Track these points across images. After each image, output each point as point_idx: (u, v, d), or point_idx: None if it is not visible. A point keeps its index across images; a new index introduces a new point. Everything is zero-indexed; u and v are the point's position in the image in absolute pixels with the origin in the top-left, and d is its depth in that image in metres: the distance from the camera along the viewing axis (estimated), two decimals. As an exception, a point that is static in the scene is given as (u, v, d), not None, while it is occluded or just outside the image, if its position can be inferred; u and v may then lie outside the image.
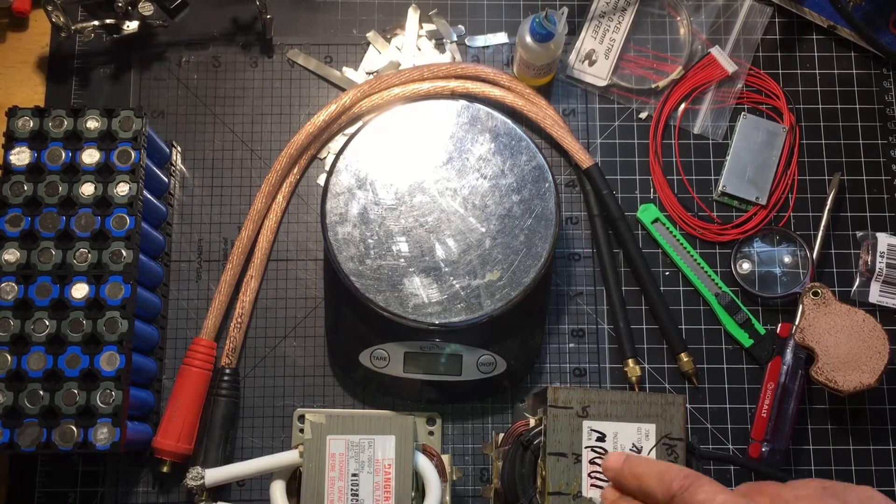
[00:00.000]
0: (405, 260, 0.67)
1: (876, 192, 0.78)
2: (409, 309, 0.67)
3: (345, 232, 0.68)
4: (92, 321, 0.64)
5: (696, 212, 0.78)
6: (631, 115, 0.80)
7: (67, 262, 0.65)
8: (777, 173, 0.78)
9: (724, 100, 0.80)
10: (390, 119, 0.71)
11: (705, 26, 0.82)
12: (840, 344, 0.70)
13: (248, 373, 0.74)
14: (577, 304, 0.76)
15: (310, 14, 0.82)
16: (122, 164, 0.68)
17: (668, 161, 0.79)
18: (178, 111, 0.79)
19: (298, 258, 0.76)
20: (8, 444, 0.62)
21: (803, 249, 0.76)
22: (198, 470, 0.64)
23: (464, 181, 0.69)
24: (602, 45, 0.81)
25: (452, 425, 0.73)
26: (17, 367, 0.63)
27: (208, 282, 0.76)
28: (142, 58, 0.80)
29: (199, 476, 0.64)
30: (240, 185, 0.78)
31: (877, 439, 0.73)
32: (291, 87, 0.80)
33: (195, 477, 0.64)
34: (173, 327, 0.75)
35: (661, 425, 0.59)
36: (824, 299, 0.72)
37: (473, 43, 0.81)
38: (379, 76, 0.78)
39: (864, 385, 0.69)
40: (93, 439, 0.62)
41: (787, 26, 0.82)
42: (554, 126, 0.77)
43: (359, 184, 0.69)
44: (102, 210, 0.67)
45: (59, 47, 0.80)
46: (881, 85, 0.81)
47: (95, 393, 0.63)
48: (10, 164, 0.68)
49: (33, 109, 0.69)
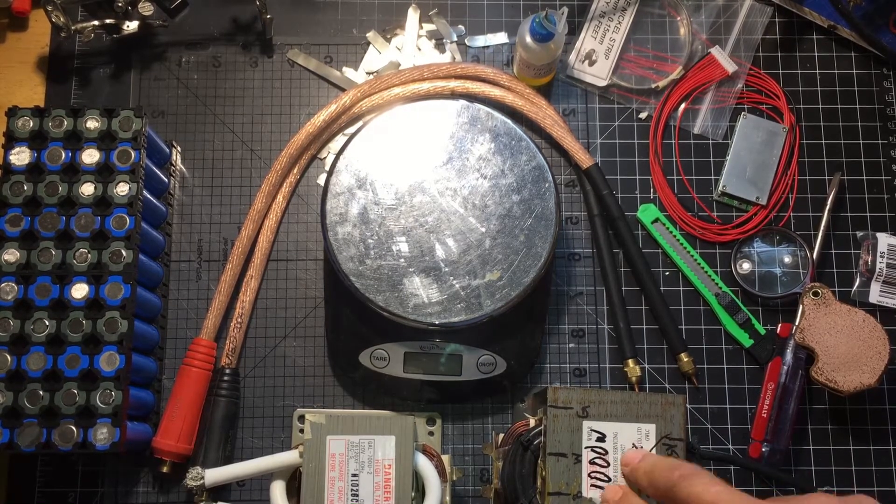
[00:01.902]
0: (405, 260, 0.67)
1: (876, 192, 0.78)
2: (409, 309, 0.67)
3: (345, 232, 0.68)
4: (92, 321, 0.64)
5: (697, 212, 0.78)
6: (631, 115, 0.80)
7: (67, 262, 0.65)
8: (777, 173, 0.78)
9: (724, 100, 0.80)
10: (390, 119, 0.71)
11: (705, 26, 0.82)
12: (840, 344, 0.70)
13: (248, 373, 0.74)
14: (577, 304, 0.76)
15: (310, 14, 0.82)
16: (122, 164, 0.68)
17: (668, 161, 0.79)
18: (178, 111, 0.79)
19: (298, 258, 0.76)
20: (8, 444, 0.62)
21: (803, 249, 0.76)
22: (198, 470, 0.64)
23: (464, 181, 0.69)
24: (602, 45, 0.81)
25: (452, 425, 0.73)
26: (17, 367, 0.63)
27: (208, 282, 0.76)
28: (142, 58, 0.80)
29: (198, 476, 0.64)
30: (240, 185, 0.78)
31: (877, 439, 0.73)
32: (291, 87, 0.80)
33: (195, 477, 0.64)
34: (173, 327, 0.75)
35: (660, 425, 0.59)
36: (824, 299, 0.71)
37: (473, 43, 0.81)
38: (379, 76, 0.78)
39: (865, 385, 0.69)
40: (92, 439, 0.62)
41: (787, 26, 0.82)
42: (554, 126, 0.77)
43: (359, 184, 0.69)
44: (102, 210, 0.67)
45: (59, 47, 0.80)
46: (881, 85, 0.81)
47: (95, 393, 0.63)
48: (10, 164, 0.68)
49: (33, 109, 0.69)
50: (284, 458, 0.64)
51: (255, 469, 0.65)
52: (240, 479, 0.69)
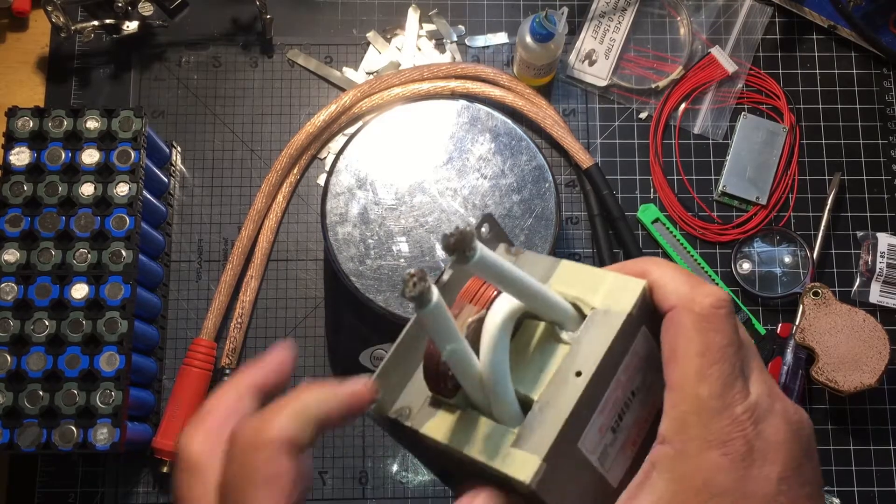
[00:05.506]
0: (405, 260, 0.67)
1: (876, 192, 0.78)
2: (410, 309, 0.66)
3: (345, 232, 0.68)
4: (92, 321, 0.64)
5: (697, 212, 0.78)
6: (631, 115, 0.80)
7: (67, 262, 0.65)
8: (777, 173, 0.78)
9: (724, 100, 0.80)
10: (390, 119, 0.71)
11: (705, 26, 0.82)
12: (840, 344, 0.70)
13: (248, 373, 0.74)
14: (577, 304, 0.75)
15: (310, 14, 0.82)
16: (121, 165, 0.68)
17: (668, 161, 0.79)
18: (178, 111, 0.79)
19: (298, 258, 0.76)
20: (8, 445, 0.62)
21: (803, 249, 0.76)
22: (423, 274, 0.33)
23: (464, 181, 0.69)
24: (602, 45, 0.81)
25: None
26: (17, 367, 0.63)
27: (208, 282, 0.76)
28: (142, 58, 0.80)
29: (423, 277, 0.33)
30: (240, 185, 0.78)
31: (877, 439, 0.73)
32: (291, 87, 0.80)
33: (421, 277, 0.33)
34: (173, 327, 0.75)
35: None
36: (825, 299, 0.71)
37: (473, 43, 0.81)
38: (379, 76, 0.78)
39: (865, 385, 0.69)
40: (93, 440, 0.62)
41: (787, 26, 0.82)
42: (554, 126, 0.77)
43: (359, 184, 0.69)
44: (102, 210, 0.67)
45: (59, 47, 0.80)
46: (881, 85, 0.81)
47: (95, 393, 0.63)
48: (9, 165, 0.67)
49: (33, 109, 0.69)
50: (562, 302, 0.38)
51: (528, 285, 0.36)
52: (504, 282, 0.36)
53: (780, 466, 0.33)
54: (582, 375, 0.35)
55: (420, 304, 0.32)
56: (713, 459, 0.33)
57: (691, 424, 0.33)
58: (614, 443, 0.36)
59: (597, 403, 0.35)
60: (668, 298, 0.35)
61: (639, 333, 0.36)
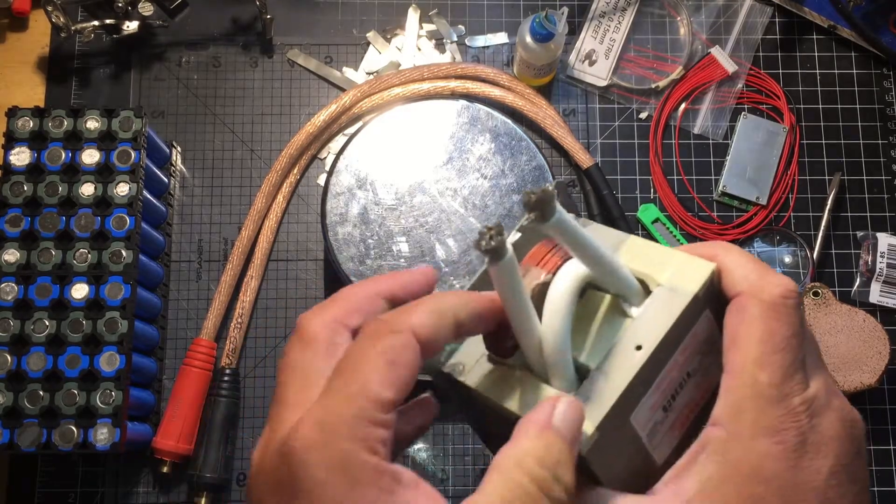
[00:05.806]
0: (405, 260, 0.67)
1: (876, 192, 0.78)
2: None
3: (345, 232, 0.68)
4: (92, 321, 0.64)
5: (697, 212, 0.78)
6: (631, 115, 0.80)
7: (67, 262, 0.65)
8: (777, 173, 0.78)
9: (724, 100, 0.80)
10: (390, 119, 0.71)
11: (705, 26, 0.82)
12: (840, 344, 0.70)
13: (248, 373, 0.74)
14: (577, 304, 0.75)
15: (310, 14, 0.82)
16: (122, 165, 0.68)
17: (668, 161, 0.79)
18: (178, 111, 0.79)
19: (298, 258, 0.76)
20: (8, 445, 0.62)
21: (803, 249, 0.76)
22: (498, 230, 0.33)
23: (464, 181, 0.69)
24: (602, 45, 0.81)
25: (453, 426, 0.73)
26: (17, 367, 0.63)
27: (208, 282, 0.76)
28: (142, 58, 0.80)
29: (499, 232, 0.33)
30: (240, 185, 0.78)
31: (877, 439, 0.73)
32: (291, 87, 0.80)
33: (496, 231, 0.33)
34: (173, 327, 0.75)
35: None
36: (825, 299, 0.71)
37: (473, 43, 0.81)
38: (379, 76, 0.78)
39: (865, 385, 0.69)
40: (93, 440, 0.62)
41: (787, 26, 0.82)
42: (554, 126, 0.77)
43: (359, 184, 0.69)
44: (102, 210, 0.67)
45: (59, 47, 0.80)
46: (881, 85, 0.81)
47: (95, 393, 0.63)
48: (10, 165, 0.67)
49: (33, 110, 0.69)
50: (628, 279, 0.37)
51: (601, 253, 0.36)
52: (578, 246, 0.35)
53: (831, 461, 0.33)
54: (642, 350, 0.35)
55: (495, 258, 0.32)
56: (765, 447, 0.33)
57: (747, 410, 0.33)
58: (664, 421, 0.36)
59: (653, 380, 0.35)
60: (737, 284, 0.35)
61: (702, 316, 0.36)
